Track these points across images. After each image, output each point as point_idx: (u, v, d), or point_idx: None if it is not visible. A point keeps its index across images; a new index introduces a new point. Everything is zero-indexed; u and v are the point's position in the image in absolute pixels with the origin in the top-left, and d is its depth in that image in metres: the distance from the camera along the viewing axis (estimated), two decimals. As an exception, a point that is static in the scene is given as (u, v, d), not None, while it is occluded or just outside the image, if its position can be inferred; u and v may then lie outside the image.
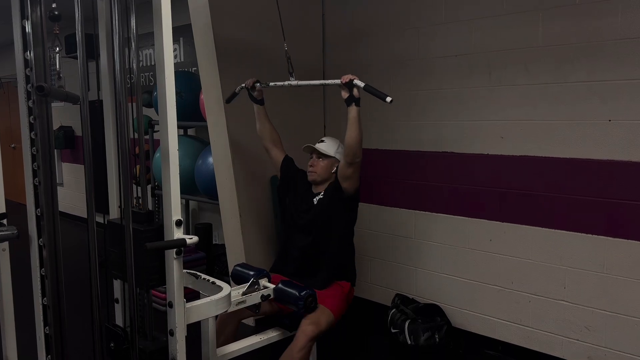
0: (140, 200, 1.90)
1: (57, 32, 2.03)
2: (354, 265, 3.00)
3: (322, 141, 2.97)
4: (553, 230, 3.02)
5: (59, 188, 1.76)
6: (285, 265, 2.92)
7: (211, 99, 3.46)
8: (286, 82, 2.83)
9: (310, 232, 2.84)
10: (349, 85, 2.51)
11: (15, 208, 2.21)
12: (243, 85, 2.98)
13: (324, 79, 3.97)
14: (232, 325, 2.76)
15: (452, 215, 3.46)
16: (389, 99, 2.39)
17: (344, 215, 2.86)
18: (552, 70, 2.94)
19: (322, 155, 2.91)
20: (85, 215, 1.79)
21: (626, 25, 2.69)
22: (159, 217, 1.84)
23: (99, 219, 1.82)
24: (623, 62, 2.71)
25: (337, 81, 2.55)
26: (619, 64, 2.73)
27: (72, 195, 7.34)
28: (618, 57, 2.72)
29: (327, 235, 2.82)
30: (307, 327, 2.48)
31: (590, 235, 2.89)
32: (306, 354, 2.46)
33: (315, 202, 2.89)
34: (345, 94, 2.55)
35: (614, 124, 2.77)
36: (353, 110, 2.57)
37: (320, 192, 2.90)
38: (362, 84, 2.48)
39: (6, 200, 1.98)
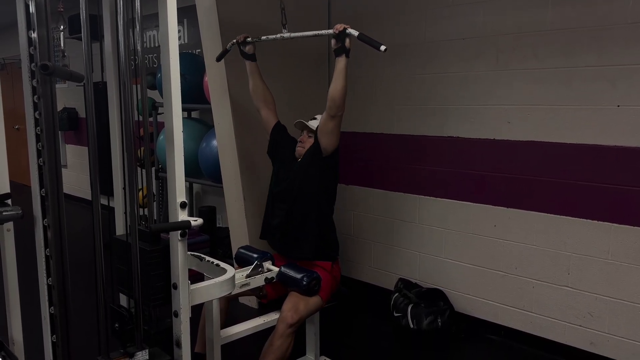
0: (146, 213, 1.90)
1: (62, 10, 2.01)
2: (336, 240, 2.87)
3: (315, 118, 2.92)
4: (558, 216, 3.01)
5: (62, 170, 1.75)
6: (270, 235, 2.86)
7: (215, 82, 3.44)
8: (278, 35, 2.77)
9: (287, 199, 2.76)
10: (342, 35, 2.45)
11: (19, 189, 2.21)
12: (234, 41, 2.92)
13: (329, 64, 3.96)
14: (223, 300, 2.71)
15: (456, 201, 3.45)
16: (383, 47, 2.32)
17: (322, 179, 2.73)
18: (561, 55, 2.91)
19: (312, 132, 2.85)
20: (89, 197, 1.79)
21: (636, 8, 2.65)
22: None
23: (103, 201, 1.82)
24: (633, 47, 2.68)
25: (330, 31, 2.49)
26: (628, 49, 2.69)
27: (76, 177, 7.36)
28: (628, 42, 2.69)
29: (304, 202, 2.72)
30: (286, 314, 2.46)
31: (595, 221, 2.88)
32: (286, 341, 2.44)
33: (294, 168, 2.80)
34: (336, 44, 2.48)
35: (623, 109, 2.74)
36: (342, 60, 2.51)
37: (300, 159, 2.82)
38: (356, 33, 2.41)
39: (10, 182, 1.98)
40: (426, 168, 3.59)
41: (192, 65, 4.36)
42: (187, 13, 4.84)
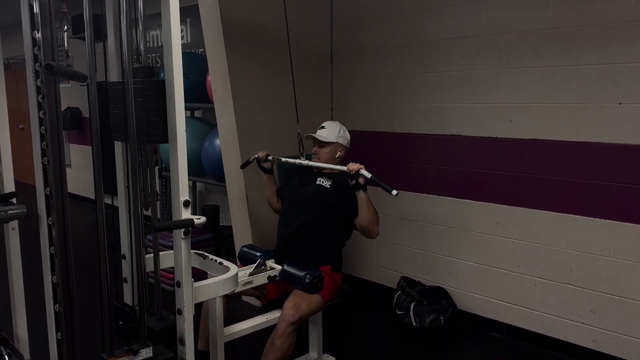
0: (140, 59, 1.88)
1: (65, 10, 2.02)
2: (340, 252, 2.93)
3: (323, 127, 2.96)
4: (560, 214, 3.01)
5: (66, 169, 1.76)
6: (278, 244, 2.90)
7: (218, 81, 3.45)
8: (297, 161, 2.90)
9: (304, 209, 2.82)
10: (356, 175, 2.57)
11: (23, 188, 2.22)
12: (256, 156, 3.07)
13: (331, 62, 3.97)
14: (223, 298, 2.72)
15: (458, 199, 3.45)
16: (394, 192, 2.44)
17: (344, 207, 2.81)
18: (563, 53, 2.91)
19: (323, 143, 2.91)
20: (92, 197, 1.80)
21: (638, 6, 2.65)
22: (166, 193, 1.84)
23: (107, 200, 1.83)
24: (635, 45, 2.68)
25: (344, 168, 2.62)
26: (631, 47, 2.69)
27: (79, 176, 7.39)
28: (630, 40, 2.69)
29: (320, 218, 2.79)
30: (288, 312, 2.47)
31: (597, 219, 2.88)
32: (287, 339, 2.45)
33: (317, 182, 2.86)
34: (351, 182, 2.61)
35: (625, 107, 2.74)
36: (361, 194, 2.65)
37: (327, 177, 2.88)
38: (368, 175, 2.55)
39: (14, 180, 2.00)
40: (428, 166, 3.59)
41: (195, 64, 4.37)
42: (189, 12, 4.86)
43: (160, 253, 1.92)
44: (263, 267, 2.58)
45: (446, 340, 3.29)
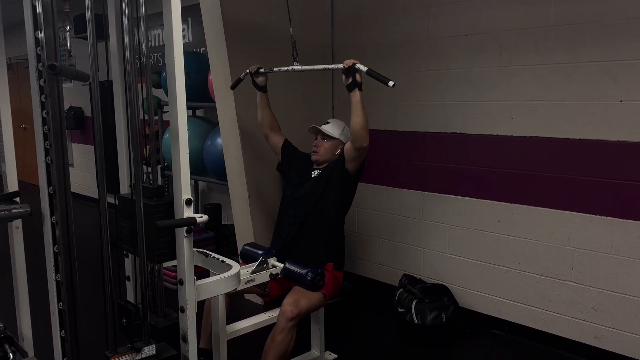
0: (150, 175, 1.92)
1: (67, 10, 2.03)
2: (342, 250, 2.94)
3: (328, 123, 2.98)
4: (561, 211, 3.01)
5: (69, 168, 1.78)
6: (278, 239, 2.91)
7: (220, 80, 3.45)
8: (290, 68, 2.83)
9: (303, 206, 2.83)
10: (352, 70, 2.50)
11: (25, 188, 2.24)
12: (247, 71, 3.00)
13: (332, 60, 3.98)
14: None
15: (459, 197, 3.46)
16: (391, 83, 2.37)
17: (339, 194, 2.83)
18: (564, 50, 2.91)
19: (326, 136, 2.92)
20: (95, 196, 1.81)
21: (639, 4, 2.65)
22: (168, 192, 1.86)
23: (110, 199, 1.85)
24: (636, 42, 2.68)
25: (340, 66, 2.54)
26: (631, 44, 2.69)
27: (82, 175, 7.40)
28: (631, 37, 2.69)
29: (319, 212, 2.80)
30: (286, 308, 2.48)
31: (598, 216, 2.88)
32: (287, 336, 2.46)
33: (312, 176, 2.89)
34: (347, 80, 2.54)
35: (626, 104, 2.74)
36: (356, 95, 2.57)
37: (319, 169, 2.92)
38: (364, 68, 2.47)
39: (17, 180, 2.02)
40: (429, 164, 3.60)
41: (197, 63, 4.38)
42: (191, 12, 4.87)
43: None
44: (265, 265, 2.59)
45: (448, 337, 3.30)
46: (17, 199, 1.96)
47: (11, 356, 1.85)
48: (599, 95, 2.82)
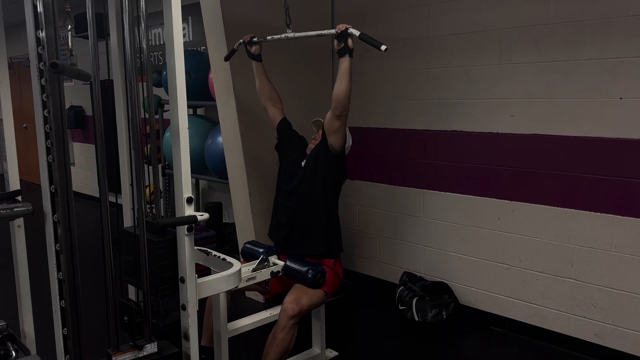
0: (153, 210, 1.92)
1: (69, 9, 2.04)
2: (339, 234, 2.89)
3: None
4: (562, 208, 3.02)
5: (70, 167, 1.78)
6: (277, 232, 2.89)
7: (220, 79, 3.46)
8: (283, 35, 2.81)
9: (294, 197, 2.80)
10: (344, 35, 2.48)
11: (27, 187, 2.25)
12: (241, 41, 2.96)
13: (332, 61, 3.98)
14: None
15: (460, 194, 3.46)
16: (383, 47, 2.35)
17: (328, 176, 2.77)
18: (563, 48, 2.92)
19: None
20: (96, 195, 1.82)
21: (638, 1, 2.65)
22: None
23: (111, 197, 1.85)
24: (635, 39, 2.68)
25: (332, 31, 2.52)
26: (631, 41, 2.69)
27: (83, 174, 7.42)
28: (630, 34, 2.69)
29: (311, 201, 2.76)
30: (287, 306, 2.48)
31: (598, 213, 2.89)
32: (288, 333, 2.46)
33: (302, 166, 2.84)
34: (339, 45, 2.52)
35: (625, 102, 2.75)
36: (346, 61, 2.53)
37: (308, 157, 2.86)
38: (357, 33, 2.44)
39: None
40: (430, 162, 3.60)
41: (197, 62, 4.39)
42: (191, 10, 4.87)
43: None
44: (266, 263, 2.60)
45: (448, 335, 3.31)
46: (19, 198, 1.97)
47: (14, 354, 1.86)
48: (599, 92, 2.82)
